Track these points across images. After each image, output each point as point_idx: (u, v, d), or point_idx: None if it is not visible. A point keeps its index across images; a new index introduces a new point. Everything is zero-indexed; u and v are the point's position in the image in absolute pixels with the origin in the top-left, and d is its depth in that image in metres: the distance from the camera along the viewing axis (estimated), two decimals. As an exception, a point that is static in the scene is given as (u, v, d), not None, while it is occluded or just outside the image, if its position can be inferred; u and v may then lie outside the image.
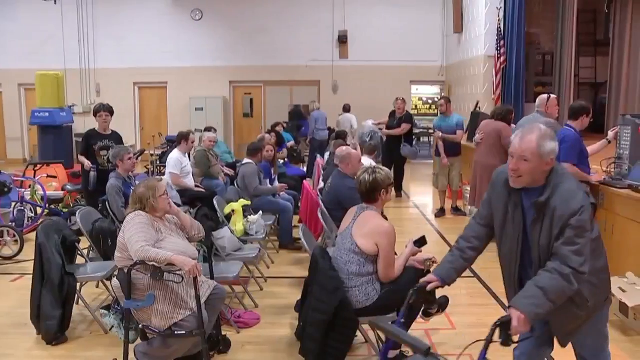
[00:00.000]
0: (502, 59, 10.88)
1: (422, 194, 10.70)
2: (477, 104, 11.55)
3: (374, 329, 3.89)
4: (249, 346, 4.11)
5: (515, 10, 10.74)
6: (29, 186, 8.03)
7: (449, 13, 14.58)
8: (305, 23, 15.35)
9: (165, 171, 7.38)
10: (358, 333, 3.68)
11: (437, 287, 2.73)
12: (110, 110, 6.63)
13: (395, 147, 9.72)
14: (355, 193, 4.07)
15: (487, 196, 2.74)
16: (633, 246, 4.74)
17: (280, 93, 15.93)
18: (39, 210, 7.68)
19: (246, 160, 6.82)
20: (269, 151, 7.24)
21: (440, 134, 8.36)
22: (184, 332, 3.34)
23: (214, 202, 5.64)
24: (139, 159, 9.75)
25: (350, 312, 3.36)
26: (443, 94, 14.86)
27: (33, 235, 4.78)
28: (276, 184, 7.24)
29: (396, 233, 3.53)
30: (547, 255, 2.44)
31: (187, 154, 7.52)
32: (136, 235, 3.34)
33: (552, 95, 6.16)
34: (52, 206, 7.86)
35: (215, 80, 15.55)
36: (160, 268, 3.25)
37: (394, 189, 4.24)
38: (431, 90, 17.22)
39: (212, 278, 4.06)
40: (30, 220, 7.47)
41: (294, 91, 15.96)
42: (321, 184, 6.54)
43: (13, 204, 7.41)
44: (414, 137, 11.05)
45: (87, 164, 6.38)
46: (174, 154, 7.24)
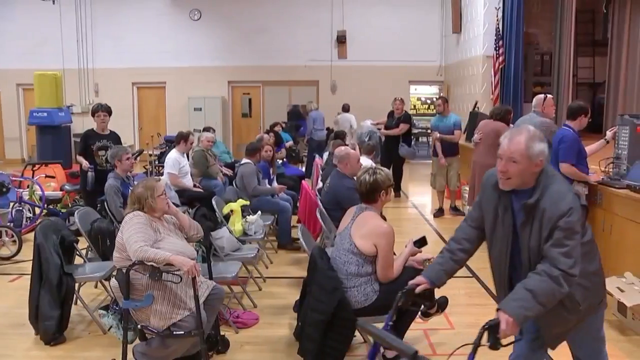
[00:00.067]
0: (501, 59, 10.89)
1: (421, 194, 10.70)
2: (476, 104, 11.56)
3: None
4: (247, 346, 4.11)
5: (514, 10, 10.76)
6: (27, 186, 8.03)
7: (447, 13, 14.59)
8: (303, 23, 15.35)
9: (164, 171, 7.38)
10: (357, 333, 3.68)
11: (426, 290, 2.69)
12: (108, 110, 6.62)
13: (393, 147, 9.73)
14: (354, 193, 4.07)
15: (478, 198, 2.73)
16: (631, 246, 4.74)
17: (279, 93, 15.93)
18: (37, 210, 7.67)
19: (245, 160, 6.81)
20: (267, 151, 7.24)
21: (437, 134, 8.36)
22: (183, 332, 3.34)
23: (213, 202, 5.64)
24: (138, 159, 9.75)
25: (349, 312, 3.35)
26: (441, 94, 14.87)
27: (31, 235, 4.77)
28: (275, 184, 7.24)
29: (395, 233, 3.53)
30: (537, 257, 2.41)
31: (186, 154, 7.52)
32: (134, 235, 3.34)
33: (549, 96, 6.17)
34: (51, 206, 7.85)
35: (214, 80, 15.54)
36: (158, 268, 3.25)
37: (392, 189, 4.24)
38: (430, 90, 17.20)
39: (211, 278, 4.07)
40: (29, 221, 7.46)
41: (292, 91, 15.96)
42: (320, 184, 6.54)
43: (11, 204, 7.40)
44: (412, 137, 11.05)
45: (85, 164, 6.38)
46: (172, 154, 7.25)
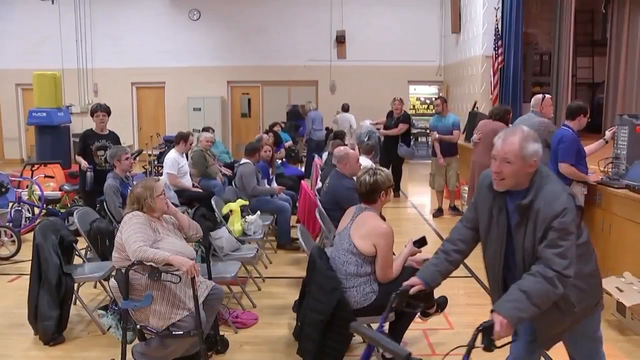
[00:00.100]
0: (500, 59, 10.89)
1: (420, 194, 10.69)
2: (475, 104, 11.57)
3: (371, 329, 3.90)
4: (246, 346, 4.11)
5: (513, 10, 10.76)
6: (27, 186, 8.02)
7: (446, 13, 14.59)
8: (303, 23, 15.35)
9: (163, 171, 7.37)
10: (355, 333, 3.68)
11: (421, 291, 2.68)
12: (107, 110, 6.61)
13: (392, 147, 9.73)
14: (353, 193, 4.07)
15: (474, 199, 2.71)
16: (630, 246, 4.75)
17: (278, 93, 15.92)
18: (37, 210, 7.67)
19: (244, 160, 6.81)
20: (266, 151, 7.23)
21: (436, 135, 8.36)
22: (182, 333, 3.34)
23: (212, 202, 5.64)
24: (137, 159, 9.74)
25: (348, 312, 3.35)
26: (440, 94, 14.88)
27: (30, 235, 4.77)
28: (274, 184, 7.24)
29: (394, 233, 3.53)
30: (532, 258, 2.40)
31: (185, 154, 7.52)
32: (134, 235, 3.34)
33: (547, 95, 6.18)
34: (50, 206, 7.85)
35: (213, 80, 15.53)
36: (157, 268, 3.25)
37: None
38: (429, 90, 17.20)
39: (210, 278, 4.07)
40: (28, 221, 7.45)
41: (291, 91, 15.95)
42: (319, 184, 6.54)
43: (10, 204, 7.39)
44: (411, 137, 11.05)
45: (84, 164, 6.37)
46: (171, 154, 7.25)
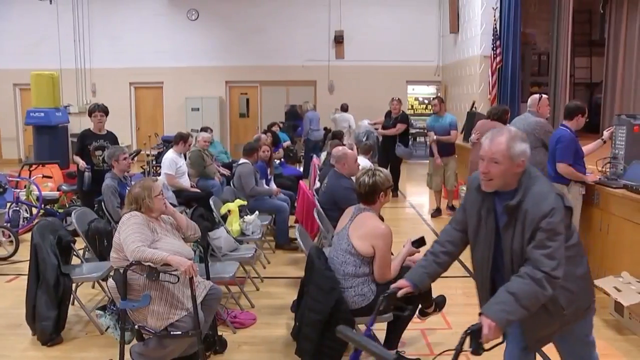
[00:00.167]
0: (498, 59, 10.90)
1: (418, 194, 10.70)
2: (473, 104, 11.58)
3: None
4: (245, 346, 4.11)
5: (511, 10, 10.76)
6: (24, 186, 8.01)
7: (445, 13, 14.59)
8: (301, 23, 15.34)
9: (161, 171, 7.37)
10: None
11: (409, 293, 2.66)
12: (105, 110, 6.60)
13: (390, 147, 9.74)
14: (351, 193, 4.07)
15: (463, 201, 2.70)
16: (628, 246, 4.75)
17: (277, 93, 15.91)
18: (35, 210, 7.66)
19: (242, 160, 6.81)
20: (265, 151, 7.23)
21: (434, 137, 8.37)
22: (180, 333, 3.34)
23: (210, 202, 5.64)
24: (135, 159, 9.74)
25: (346, 312, 3.35)
26: (438, 94, 14.89)
27: (28, 235, 4.77)
28: (272, 184, 7.24)
29: (392, 233, 3.52)
30: (520, 259, 2.37)
31: (183, 155, 7.51)
32: (132, 235, 3.33)
33: (544, 95, 6.19)
34: (48, 206, 7.84)
35: (211, 80, 15.52)
36: (156, 268, 3.25)
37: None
38: (427, 90, 17.21)
39: (208, 278, 4.07)
40: (26, 221, 7.44)
41: (290, 91, 15.94)
42: (317, 184, 6.54)
43: (8, 205, 7.38)
44: (410, 137, 11.06)
45: (82, 164, 6.36)
46: (169, 155, 7.24)
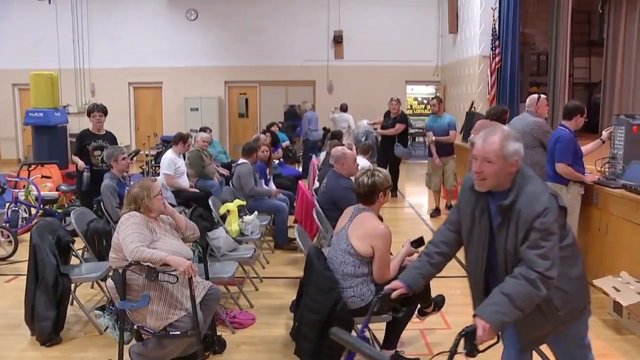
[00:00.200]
0: (497, 59, 10.91)
1: (417, 194, 10.70)
2: (472, 104, 11.59)
3: (369, 329, 3.90)
4: (244, 346, 4.11)
5: (510, 10, 10.77)
6: (23, 186, 8.01)
7: (444, 13, 14.60)
8: (300, 23, 15.34)
9: (160, 172, 7.37)
10: (353, 333, 3.68)
11: (403, 294, 2.65)
12: (103, 110, 6.60)
13: (389, 147, 9.75)
14: (350, 193, 4.07)
15: (457, 202, 2.69)
16: (627, 245, 4.76)
17: (276, 93, 15.91)
18: (33, 210, 7.65)
19: (241, 160, 6.81)
20: (264, 151, 7.23)
21: (433, 137, 8.38)
22: (179, 333, 3.34)
23: (209, 202, 5.63)
24: (134, 159, 9.73)
25: (345, 312, 3.35)
26: (438, 94, 14.89)
27: (27, 235, 4.77)
28: (271, 184, 7.24)
29: (391, 233, 3.52)
30: (514, 260, 2.36)
31: (183, 155, 7.51)
32: (131, 235, 3.33)
33: (542, 95, 6.19)
34: (47, 206, 7.83)
35: (210, 80, 15.52)
36: (155, 268, 3.24)
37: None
38: (426, 90, 17.22)
39: (207, 278, 4.07)
40: (25, 221, 7.44)
41: (289, 91, 15.94)
42: (316, 184, 6.54)
43: (7, 205, 7.37)
44: (409, 137, 11.07)
45: (81, 164, 6.36)
46: (168, 155, 7.23)
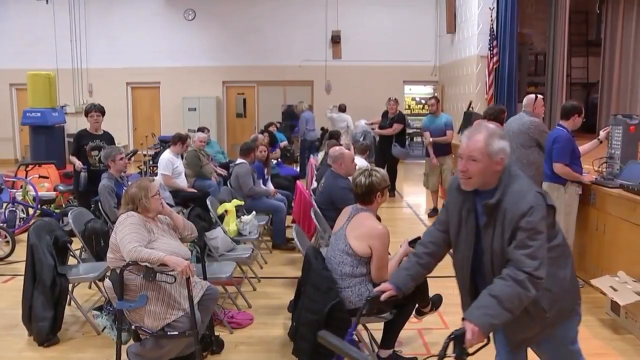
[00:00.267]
0: (495, 59, 10.91)
1: (415, 194, 10.71)
2: (470, 103, 11.58)
3: (366, 329, 3.90)
4: (242, 346, 4.11)
5: (508, 10, 10.77)
6: (21, 187, 7.98)
7: (441, 13, 14.61)
8: (298, 23, 15.34)
9: (158, 172, 7.36)
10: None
11: (392, 297, 2.63)
12: (101, 110, 6.59)
13: (387, 147, 9.76)
14: (348, 193, 4.07)
15: (445, 202, 2.67)
16: (624, 245, 4.76)
17: (274, 93, 15.91)
18: (31, 210, 7.63)
19: (239, 160, 6.80)
20: (262, 151, 7.23)
21: (430, 139, 8.38)
22: (177, 333, 3.33)
23: (207, 202, 5.63)
24: (132, 159, 9.71)
25: (344, 312, 3.35)
26: (435, 94, 14.90)
27: (25, 236, 4.75)
28: (269, 184, 7.24)
29: (389, 233, 3.52)
30: (500, 260, 2.33)
31: (180, 155, 7.50)
32: (128, 235, 3.33)
33: (539, 96, 6.20)
34: (44, 207, 7.81)
35: (208, 80, 15.51)
36: (152, 269, 3.24)
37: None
38: (424, 90, 17.24)
39: (205, 278, 4.07)
40: (22, 221, 7.43)
41: (287, 91, 15.94)
42: (314, 184, 6.54)
43: (4, 205, 7.37)
44: (406, 137, 11.07)
45: (78, 164, 6.35)
46: (165, 155, 7.23)
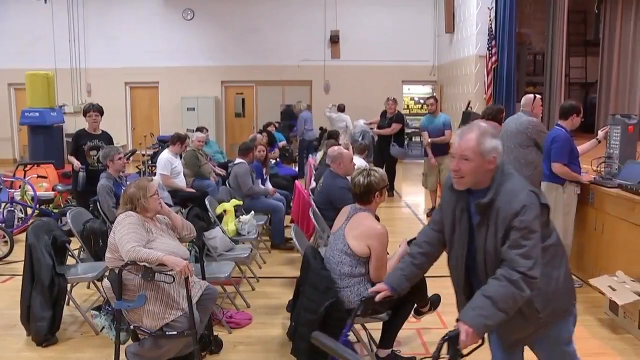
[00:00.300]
0: (494, 59, 10.92)
1: (414, 194, 10.71)
2: (469, 103, 11.59)
3: (365, 329, 3.90)
4: (241, 346, 4.11)
5: (507, 10, 10.79)
6: (19, 187, 7.97)
7: (440, 13, 14.62)
8: (297, 23, 15.34)
9: (157, 172, 7.36)
10: (350, 333, 3.68)
11: (387, 297, 2.62)
12: (100, 110, 6.58)
13: (386, 147, 9.77)
14: (347, 193, 4.07)
15: (440, 201, 2.66)
16: (623, 245, 4.77)
17: (272, 93, 15.91)
18: (30, 211, 7.62)
19: (238, 160, 6.80)
20: (260, 151, 7.23)
21: (428, 140, 8.38)
22: (176, 333, 3.33)
23: (206, 203, 5.63)
24: (131, 159, 9.72)
25: (342, 312, 3.35)
26: (434, 94, 14.90)
27: (23, 236, 4.75)
28: (268, 184, 7.24)
29: (388, 233, 3.52)
30: (494, 261, 2.31)
31: (180, 155, 7.50)
32: (127, 236, 3.32)
33: (538, 96, 6.21)
34: (43, 207, 7.80)
35: (207, 80, 15.51)
36: (151, 269, 3.24)
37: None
38: (423, 90, 17.23)
39: (204, 278, 4.06)
40: (21, 221, 7.42)
41: (286, 91, 15.94)
42: (313, 184, 6.55)
43: (3, 205, 7.36)
44: (405, 137, 11.08)
45: (77, 164, 6.34)
46: (164, 155, 7.23)
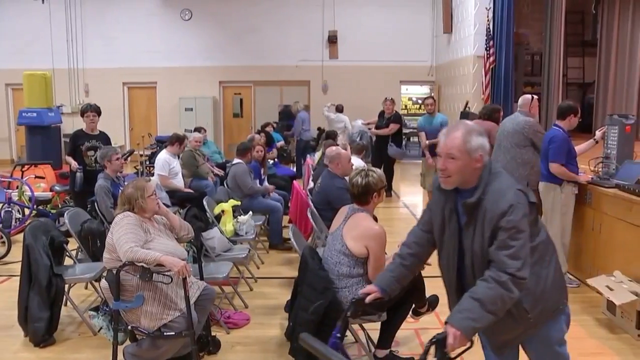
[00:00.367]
0: (491, 59, 10.94)
1: (412, 194, 10.73)
2: (467, 103, 11.62)
3: (363, 329, 3.90)
4: (238, 347, 4.11)
5: (504, 10, 10.81)
6: (17, 187, 7.97)
7: (438, 13, 14.63)
8: (294, 23, 15.34)
9: (154, 172, 7.35)
10: (348, 333, 3.67)
11: (377, 299, 2.58)
12: (97, 111, 6.57)
13: (384, 147, 9.77)
14: (345, 193, 4.07)
15: (429, 201, 2.62)
16: (620, 245, 4.78)
17: (270, 93, 15.90)
18: (27, 211, 7.61)
19: (236, 160, 6.80)
20: (258, 151, 7.23)
21: (426, 142, 8.38)
22: (173, 333, 3.33)
23: (204, 203, 5.63)
24: (129, 159, 9.70)
25: (340, 312, 3.35)
26: (432, 94, 14.91)
27: (21, 236, 4.74)
28: (266, 184, 7.24)
29: (386, 233, 3.51)
30: (481, 261, 2.28)
31: (177, 155, 7.49)
32: (125, 236, 3.32)
33: (535, 96, 6.23)
34: (40, 207, 7.79)
35: (205, 80, 15.49)
36: (149, 269, 3.24)
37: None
38: (421, 90, 17.22)
39: (202, 279, 4.06)
40: (18, 222, 7.40)
41: (283, 91, 15.94)
42: (311, 184, 6.55)
43: (0, 205, 7.34)
44: (403, 137, 11.09)
45: (74, 164, 6.33)
46: (162, 155, 7.22)
